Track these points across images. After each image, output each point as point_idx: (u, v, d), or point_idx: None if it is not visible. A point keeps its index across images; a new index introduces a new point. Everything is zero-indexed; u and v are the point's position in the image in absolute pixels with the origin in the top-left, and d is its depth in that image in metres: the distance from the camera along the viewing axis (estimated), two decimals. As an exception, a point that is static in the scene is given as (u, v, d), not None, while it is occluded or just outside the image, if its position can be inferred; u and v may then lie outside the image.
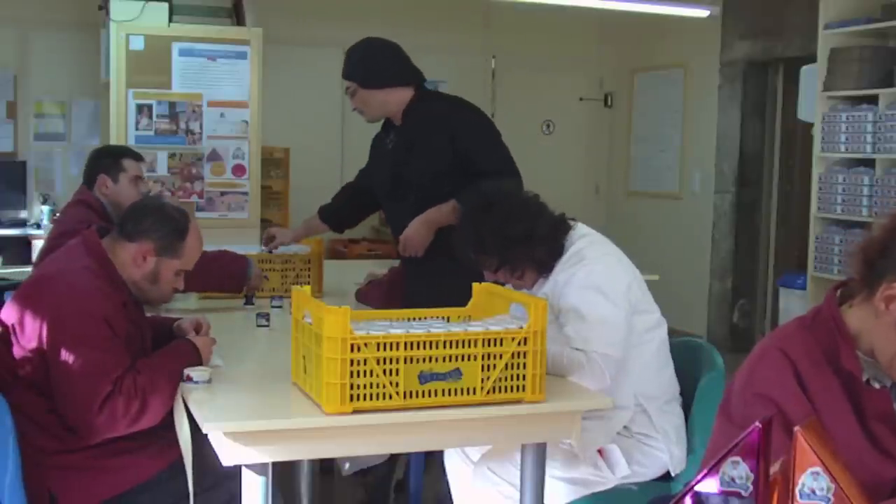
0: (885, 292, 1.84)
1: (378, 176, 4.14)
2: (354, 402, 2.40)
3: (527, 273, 3.10)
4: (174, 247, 2.89)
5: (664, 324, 3.14)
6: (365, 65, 4.10)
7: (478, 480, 3.07)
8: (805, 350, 1.94)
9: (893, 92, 5.67)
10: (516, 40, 8.99)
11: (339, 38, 8.57)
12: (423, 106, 4.05)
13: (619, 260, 3.10)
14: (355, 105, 4.09)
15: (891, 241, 1.86)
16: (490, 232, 3.04)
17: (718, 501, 1.20)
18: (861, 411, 1.92)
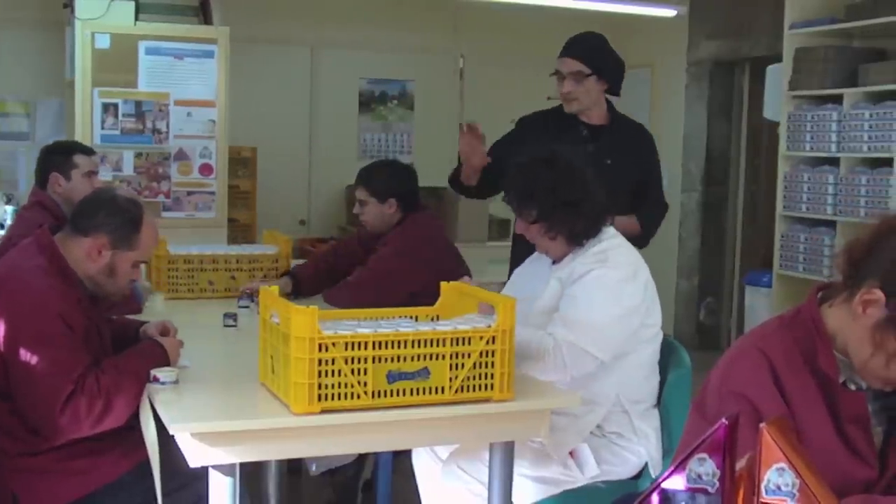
0: (864, 296, 1.84)
1: None
2: (322, 402, 2.39)
3: (559, 238, 3.10)
4: (129, 239, 2.85)
5: (660, 336, 3.15)
6: (609, 56, 4.11)
7: (447, 479, 3.07)
8: (783, 349, 1.94)
9: (857, 91, 5.72)
10: (485, 39, 8.99)
11: (307, 37, 8.58)
12: (622, 119, 4.20)
13: (636, 272, 3.08)
14: (569, 89, 4.02)
15: (876, 244, 1.87)
16: (543, 184, 3.06)
17: (685, 498, 1.21)
18: (836, 412, 1.93)
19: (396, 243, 4.11)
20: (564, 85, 4.03)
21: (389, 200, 4.17)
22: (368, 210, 4.21)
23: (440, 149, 9.09)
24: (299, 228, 8.08)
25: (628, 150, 4.05)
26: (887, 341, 1.82)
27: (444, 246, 4.32)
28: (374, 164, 4.38)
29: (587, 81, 3.99)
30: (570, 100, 4.03)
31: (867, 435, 1.95)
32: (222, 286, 4.17)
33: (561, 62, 4.06)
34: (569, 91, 4.01)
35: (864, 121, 5.60)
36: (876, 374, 1.88)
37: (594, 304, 2.95)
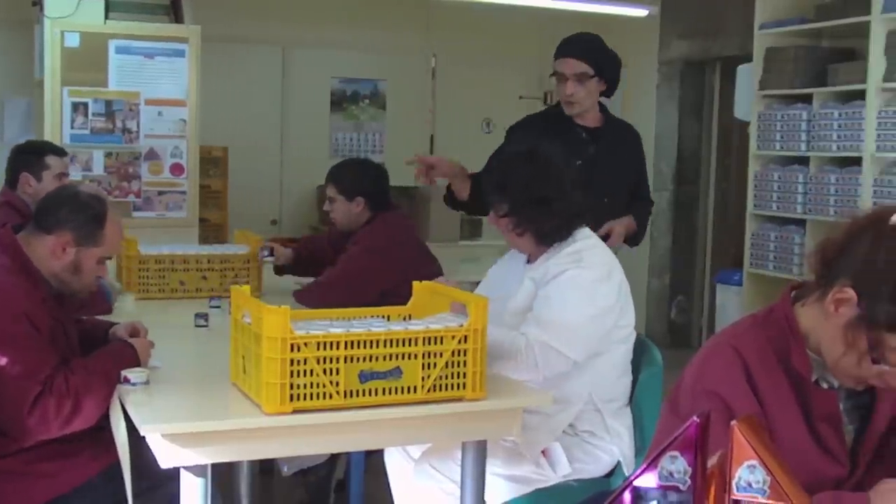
0: (836, 295, 1.85)
1: None
2: (294, 402, 2.38)
3: (527, 235, 3.11)
4: (94, 235, 2.81)
5: (633, 336, 3.16)
6: (610, 57, 4.03)
7: (419, 478, 3.07)
8: (756, 348, 1.95)
9: (827, 91, 5.75)
10: (456, 39, 8.99)
11: (279, 36, 8.55)
12: (614, 119, 4.18)
13: (610, 272, 3.08)
14: (573, 91, 3.93)
15: (849, 243, 1.87)
16: (517, 179, 3.07)
17: (657, 496, 1.21)
18: (808, 411, 1.94)
19: (366, 242, 4.11)
20: (567, 87, 3.92)
21: (357, 199, 4.17)
22: (337, 208, 4.22)
23: (412, 148, 9.07)
24: (271, 228, 8.06)
25: (623, 151, 4.10)
26: (859, 340, 1.82)
27: (414, 245, 4.32)
28: (344, 162, 4.39)
29: (590, 83, 3.93)
30: (572, 102, 3.95)
31: (838, 434, 1.96)
32: (193, 286, 4.15)
33: (563, 63, 3.95)
34: (572, 93, 3.92)
35: (833, 120, 5.63)
36: (848, 373, 1.90)
37: (568, 305, 2.95)
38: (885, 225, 1.85)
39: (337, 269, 4.09)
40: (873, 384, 1.91)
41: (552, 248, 3.10)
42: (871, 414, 2.00)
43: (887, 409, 2.00)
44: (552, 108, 4.15)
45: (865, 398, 1.99)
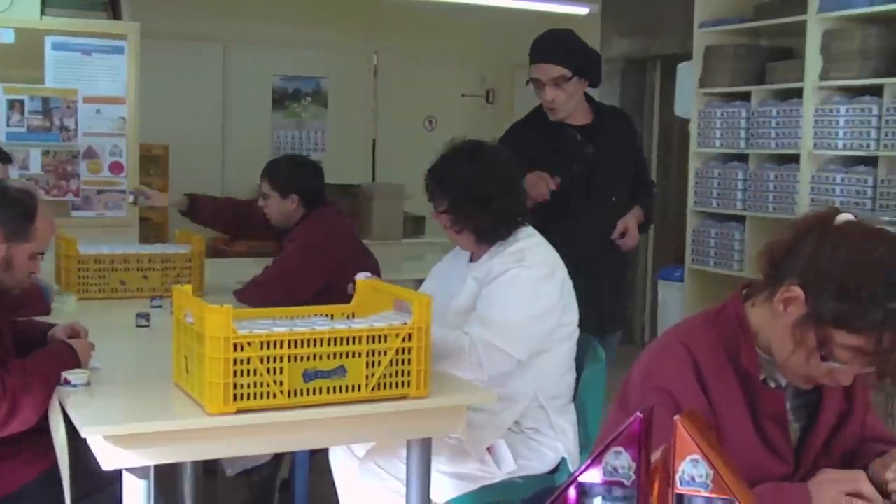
0: (784, 294, 1.87)
1: (568, 174, 3.80)
2: (238, 402, 2.37)
3: (465, 232, 3.12)
4: (24, 230, 2.75)
5: (577, 333, 3.18)
6: (586, 53, 3.89)
7: (364, 476, 3.06)
8: (707, 345, 1.97)
9: (765, 89, 5.82)
10: (399, 37, 8.99)
11: (219, 33, 8.49)
12: (604, 109, 4.06)
13: (553, 271, 3.09)
14: (553, 96, 3.79)
15: (796, 244, 1.90)
16: (457, 177, 3.08)
17: (602, 491, 1.22)
18: (755, 410, 1.96)
19: (302, 240, 4.12)
20: (546, 93, 3.79)
21: (292, 196, 4.18)
22: (271, 204, 4.22)
23: (354, 146, 9.09)
24: (213, 227, 7.99)
25: (621, 142, 4.00)
26: (807, 338, 1.84)
27: (350, 240, 4.32)
28: (279, 159, 4.39)
29: (569, 84, 3.78)
30: (553, 108, 3.82)
31: (784, 433, 1.99)
32: (134, 286, 4.11)
33: (537, 69, 3.81)
34: (552, 99, 3.79)
35: (771, 118, 5.71)
36: (797, 372, 1.92)
37: (511, 304, 2.96)
38: (830, 225, 1.88)
39: (274, 267, 4.10)
40: (823, 383, 1.93)
41: (495, 247, 3.11)
42: (818, 413, 2.03)
43: (834, 407, 2.03)
44: (535, 112, 3.97)
45: (812, 396, 2.02)
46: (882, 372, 1.83)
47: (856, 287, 1.78)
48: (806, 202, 5.40)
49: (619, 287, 4.07)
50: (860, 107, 5.19)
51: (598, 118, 3.94)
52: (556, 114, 3.83)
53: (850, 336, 1.80)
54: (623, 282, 4.14)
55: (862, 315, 1.77)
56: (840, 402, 2.04)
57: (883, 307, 1.76)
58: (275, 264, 4.12)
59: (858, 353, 1.81)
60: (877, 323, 1.77)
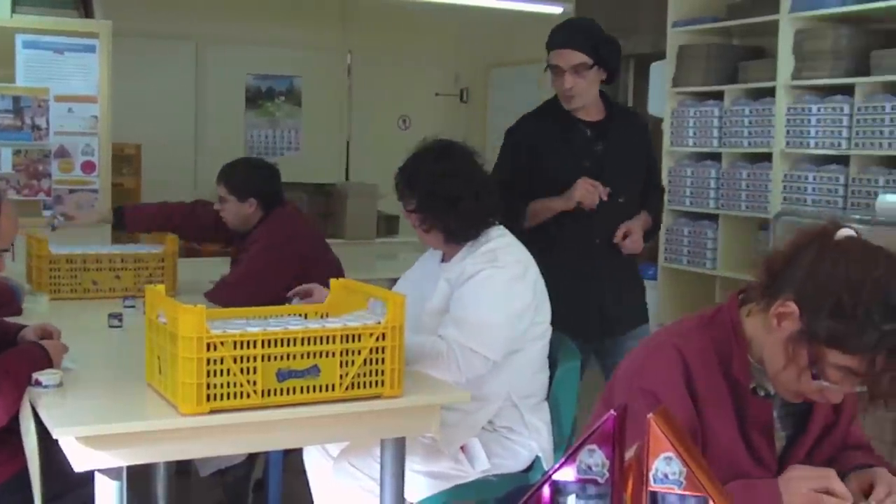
0: (778, 308, 1.85)
1: (575, 170, 3.68)
2: (211, 402, 2.36)
3: (434, 232, 3.12)
4: None
5: (549, 332, 3.18)
6: (608, 43, 3.73)
7: (338, 476, 3.06)
8: (699, 349, 1.96)
9: (738, 88, 5.86)
10: (373, 36, 8.98)
11: (192, 31, 8.46)
12: (618, 107, 3.93)
13: (525, 271, 3.09)
14: (572, 84, 3.65)
15: (794, 257, 1.87)
16: (425, 176, 3.09)
17: (576, 489, 1.22)
18: (743, 417, 1.95)
19: (265, 240, 4.12)
20: (565, 80, 3.64)
21: (249, 200, 4.18)
22: (228, 208, 4.22)
23: (328, 145, 9.08)
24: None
25: (632, 142, 3.86)
26: (800, 355, 1.83)
27: (311, 237, 4.34)
28: (235, 162, 4.36)
29: (589, 73, 3.65)
30: (571, 96, 3.67)
31: (770, 442, 1.99)
32: (107, 286, 4.09)
33: (557, 55, 3.67)
34: (571, 87, 3.64)
35: (744, 117, 5.74)
36: (788, 387, 1.91)
37: (484, 305, 2.96)
38: (830, 240, 1.86)
39: (241, 268, 4.11)
40: (812, 399, 1.92)
41: (466, 248, 3.11)
42: (806, 423, 2.03)
43: (821, 419, 2.04)
44: (548, 103, 3.85)
45: (801, 406, 2.01)
46: (874, 394, 1.80)
47: (852, 306, 1.75)
48: (778, 201, 5.44)
49: (625, 289, 3.84)
50: (832, 106, 5.22)
51: (610, 115, 3.81)
52: (572, 102, 3.69)
53: (843, 356, 1.78)
54: (631, 284, 3.91)
55: (856, 336, 1.75)
56: (828, 412, 2.03)
57: (878, 329, 1.74)
58: (241, 265, 4.13)
59: (850, 374, 1.80)
60: (870, 345, 1.75)
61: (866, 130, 5.04)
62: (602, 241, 3.72)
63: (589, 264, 3.70)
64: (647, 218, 3.85)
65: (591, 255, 3.71)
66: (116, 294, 4.01)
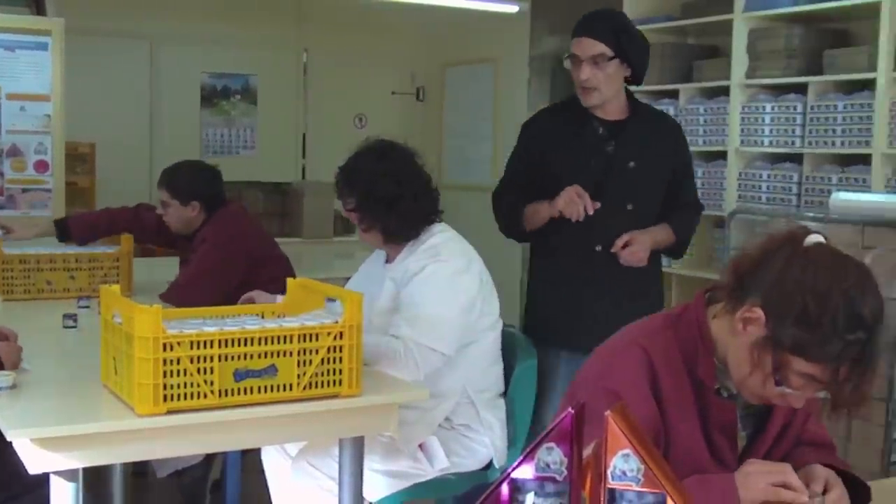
0: (744, 313, 1.85)
1: (580, 171, 3.44)
2: (168, 403, 2.34)
3: (373, 231, 3.14)
4: None
5: (500, 323, 3.19)
6: (633, 36, 3.46)
7: (297, 476, 3.05)
8: (664, 349, 1.96)
9: (693, 87, 5.90)
10: (329, 34, 8.95)
11: (146, 30, 8.39)
12: (645, 110, 3.63)
13: (469, 263, 3.12)
14: (588, 75, 3.37)
15: (762, 261, 1.87)
16: (365, 176, 3.10)
17: (534, 487, 1.22)
18: (706, 418, 1.96)
19: (212, 239, 4.11)
20: (582, 71, 3.37)
21: (192, 203, 4.17)
22: (171, 212, 4.20)
23: (284, 144, 9.04)
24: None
25: (654, 147, 3.51)
26: (764, 360, 1.83)
27: (256, 235, 4.35)
28: (176, 166, 4.32)
29: (609, 66, 3.37)
30: (588, 88, 3.39)
31: (732, 443, 2.00)
32: (61, 286, 4.05)
33: (577, 44, 3.42)
34: (587, 78, 3.36)
35: (699, 115, 5.78)
36: (752, 391, 1.91)
37: (433, 301, 2.97)
38: (799, 246, 1.85)
39: (191, 268, 4.09)
40: (775, 403, 1.93)
41: (408, 246, 3.13)
42: (766, 422, 2.04)
43: (780, 419, 2.05)
44: (569, 99, 3.59)
45: (761, 406, 2.02)
46: (836, 402, 1.82)
47: (818, 315, 1.76)
48: (733, 199, 5.49)
49: (629, 300, 3.40)
50: (785, 105, 5.28)
51: (633, 117, 3.51)
52: (589, 97, 3.41)
53: (806, 364, 1.79)
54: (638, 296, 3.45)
55: (821, 345, 1.76)
56: (787, 412, 2.05)
57: (843, 339, 1.75)
58: (191, 265, 4.11)
59: (813, 381, 1.81)
60: (834, 354, 1.76)
61: (819, 129, 5.09)
62: (603, 249, 3.43)
63: (588, 272, 3.45)
64: (667, 232, 3.52)
65: (592, 263, 3.44)
66: (71, 294, 3.98)
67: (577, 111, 3.50)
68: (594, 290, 3.45)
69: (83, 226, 4.40)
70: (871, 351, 1.77)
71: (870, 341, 1.77)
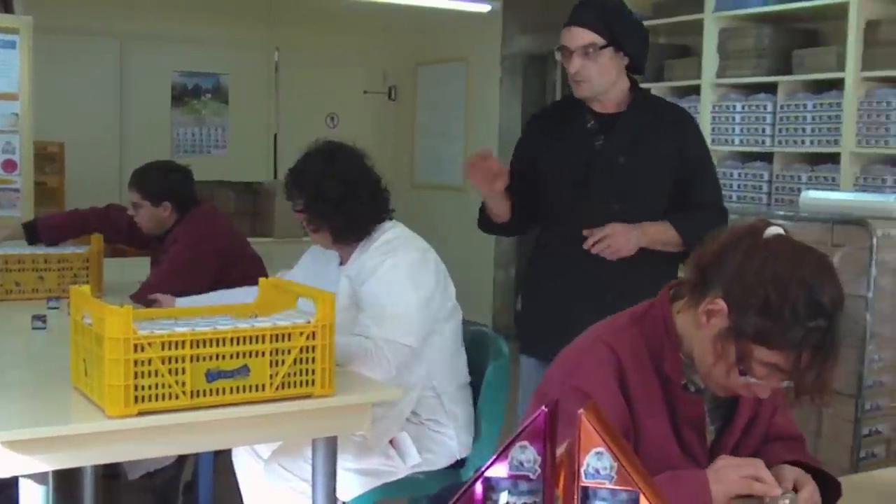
0: (707, 306, 1.87)
1: (563, 166, 3.20)
2: (139, 404, 2.33)
3: (322, 232, 3.15)
4: None
5: (459, 311, 3.20)
6: (629, 22, 3.19)
7: (269, 477, 3.04)
8: (631, 347, 1.97)
9: (664, 86, 5.93)
10: (300, 33, 8.93)
11: (115, 28, 8.34)
12: (650, 102, 3.31)
13: (424, 255, 3.13)
14: (578, 67, 3.11)
15: (723, 255, 1.89)
16: (312, 176, 3.11)
17: (508, 485, 1.22)
18: (674, 413, 1.97)
19: (184, 239, 4.09)
20: (573, 62, 3.11)
21: (164, 203, 4.15)
22: (143, 213, 4.17)
23: (256, 144, 9.01)
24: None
25: (653, 142, 3.17)
26: (728, 351, 1.85)
27: (228, 234, 4.34)
28: (147, 167, 4.29)
29: (602, 55, 3.10)
30: (579, 81, 3.13)
31: (701, 437, 2.01)
32: (30, 287, 4.02)
33: (566, 34, 3.17)
34: (577, 70, 3.11)
35: (669, 114, 5.81)
36: (718, 383, 1.93)
37: (395, 296, 2.98)
38: (759, 239, 1.88)
39: (163, 268, 4.06)
40: (741, 394, 1.95)
41: (361, 246, 3.15)
42: (734, 415, 2.06)
43: (747, 412, 2.07)
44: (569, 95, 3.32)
45: (728, 399, 2.03)
46: (799, 390, 1.84)
47: (779, 304, 1.78)
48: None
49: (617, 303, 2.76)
50: (755, 104, 5.31)
51: (632, 110, 3.20)
52: (581, 89, 3.14)
53: (769, 353, 1.81)
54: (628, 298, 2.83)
55: (783, 333, 1.78)
56: (753, 405, 2.07)
57: (804, 326, 1.77)
58: (162, 265, 4.09)
59: (776, 370, 1.83)
60: (796, 341, 1.78)
61: (789, 128, 5.13)
62: (590, 253, 3.10)
63: (572, 273, 3.17)
64: (667, 230, 3.13)
65: (577, 269, 3.15)
66: (40, 295, 3.95)
67: (574, 104, 3.24)
68: (573, 294, 3.16)
69: (52, 228, 4.37)
70: (832, 338, 1.80)
71: (830, 328, 1.79)
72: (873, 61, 4.75)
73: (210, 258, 4.05)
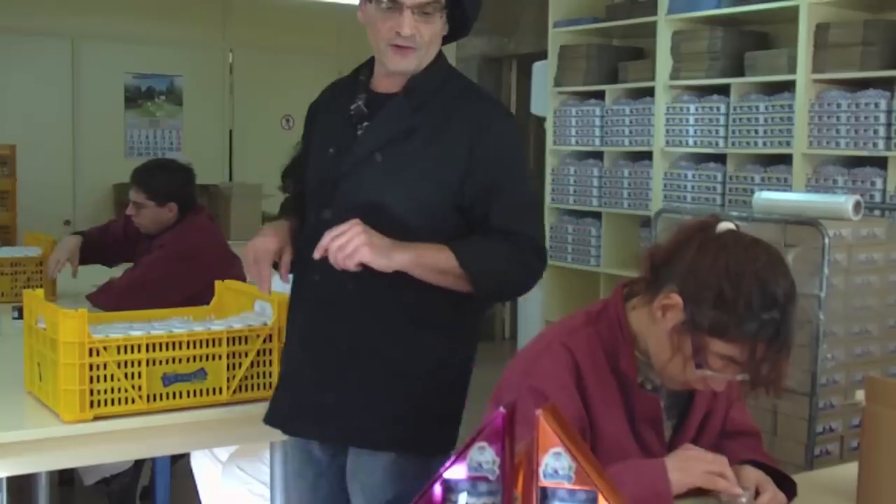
0: (662, 301, 1.89)
1: (314, 160, 2.41)
2: (95, 409, 2.31)
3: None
4: None
5: None
6: None
7: (227, 480, 3.02)
8: (587, 346, 1.98)
9: (618, 88, 5.96)
10: (255, 33, 8.88)
11: (68, 27, 8.25)
12: (441, 80, 2.32)
13: None
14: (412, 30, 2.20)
15: (676, 251, 1.92)
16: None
17: (467, 487, 1.23)
18: (632, 412, 1.99)
19: (171, 248, 3.92)
20: (404, 24, 2.21)
21: (170, 204, 3.98)
22: (145, 214, 3.99)
23: (210, 145, 8.95)
24: (64, 229, 7.76)
25: (432, 139, 2.23)
26: (684, 345, 1.87)
27: (218, 248, 4.15)
28: (151, 165, 4.15)
29: (438, 18, 2.26)
30: (405, 47, 2.23)
31: (659, 435, 2.03)
32: (-18, 291, 3.97)
33: None
34: (412, 33, 2.21)
35: (624, 116, 5.84)
36: (674, 378, 1.95)
37: None
38: (711, 234, 1.91)
39: (137, 272, 3.93)
40: (697, 388, 1.97)
41: None
42: (689, 411, 2.08)
43: (702, 406, 2.09)
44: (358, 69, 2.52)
45: (683, 394, 2.06)
46: (755, 382, 1.86)
47: (733, 297, 1.81)
48: (659, 198, 5.56)
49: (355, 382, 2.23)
50: (709, 105, 5.36)
51: (413, 90, 2.28)
52: (405, 59, 2.26)
53: (724, 345, 1.84)
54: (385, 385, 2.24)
55: (737, 325, 1.81)
56: (709, 399, 2.09)
57: (758, 318, 1.80)
58: (138, 269, 3.94)
59: (732, 362, 1.85)
60: (751, 333, 1.81)
61: (742, 129, 5.18)
62: (322, 278, 2.22)
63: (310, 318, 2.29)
64: (436, 252, 2.17)
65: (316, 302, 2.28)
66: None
67: (356, 82, 2.45)
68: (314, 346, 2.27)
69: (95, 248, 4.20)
70: (786, 329, 1.83)
71: (784, 320, 1.83)
72: (824, 64, 4.81)
73: (185, 278, 3.79)
